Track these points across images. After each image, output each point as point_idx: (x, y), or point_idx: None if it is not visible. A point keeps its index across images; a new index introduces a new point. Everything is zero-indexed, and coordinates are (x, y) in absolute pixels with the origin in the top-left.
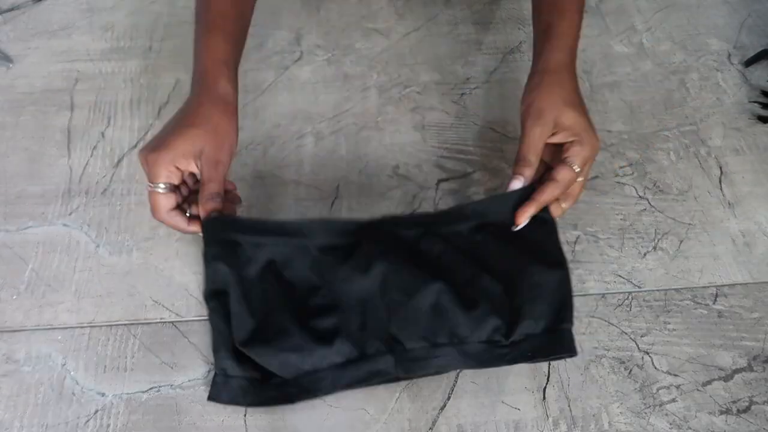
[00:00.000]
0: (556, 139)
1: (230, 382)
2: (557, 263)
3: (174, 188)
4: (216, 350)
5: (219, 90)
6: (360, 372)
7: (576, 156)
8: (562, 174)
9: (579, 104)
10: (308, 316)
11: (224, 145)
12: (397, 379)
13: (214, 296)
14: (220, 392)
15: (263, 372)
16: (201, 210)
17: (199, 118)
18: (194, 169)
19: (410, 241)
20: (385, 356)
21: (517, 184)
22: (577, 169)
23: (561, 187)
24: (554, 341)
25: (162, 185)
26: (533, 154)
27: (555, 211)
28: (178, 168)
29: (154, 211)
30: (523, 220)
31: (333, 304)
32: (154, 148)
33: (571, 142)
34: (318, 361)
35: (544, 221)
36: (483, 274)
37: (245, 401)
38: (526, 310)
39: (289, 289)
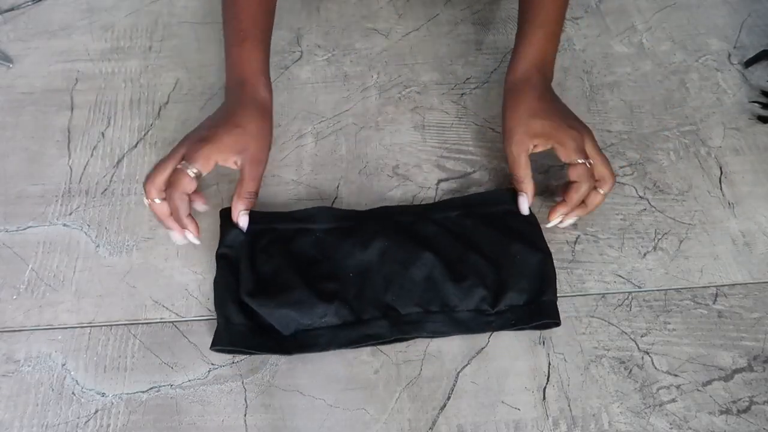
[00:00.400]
0: (539, 149)
1: (232, 328)
2: (539, 247)
3: (198, 178)
4: (221, 302)
5: (258, 98)
6: (356, 333)
7: (567, 155)
8: (575, 173)
9: (544, 109)
10: (309, 280)
11: (265, 147)
12: (390, 342)
13: (225, 255)
14: (221, 337)
15: (264, 327)
16: (235, 205)
17: (245, 120)
18: (231, 165)
19: (406, 224)
20: (380, 321)
21: (524, 201)
22: (581, 161)
23: (583, 184)
24: (535, 311)
25: (194, 170)
26: (522, 170)
27: (596, 199)
28: (215, 162)
29: (173, 185)
30: (555, 218)
31: (333, 273)
32: (203, 138)
33: (553, 147)
34: (316, 320)
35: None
36: (471, 252)
37: (245, 345)
38: (509, 283)
39: (292, 259)
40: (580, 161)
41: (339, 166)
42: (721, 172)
